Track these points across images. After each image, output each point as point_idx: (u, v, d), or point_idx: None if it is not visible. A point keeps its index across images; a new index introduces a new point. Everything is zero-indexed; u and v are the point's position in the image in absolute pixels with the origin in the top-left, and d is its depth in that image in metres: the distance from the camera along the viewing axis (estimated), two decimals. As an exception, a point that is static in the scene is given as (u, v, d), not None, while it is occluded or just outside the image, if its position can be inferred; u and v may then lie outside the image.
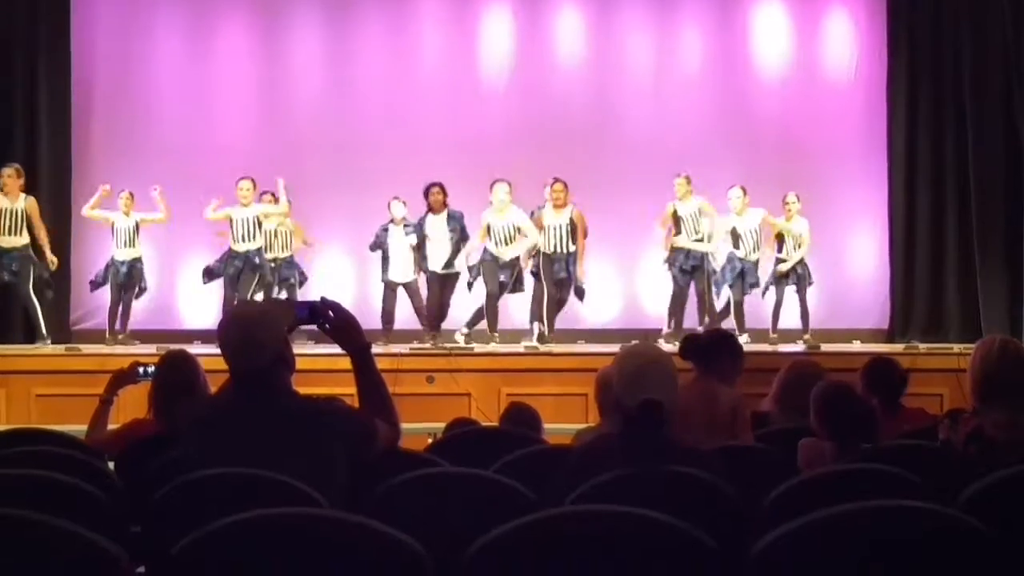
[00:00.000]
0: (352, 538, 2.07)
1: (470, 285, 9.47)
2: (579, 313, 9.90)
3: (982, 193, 10.35)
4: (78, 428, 4.36)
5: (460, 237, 9.35)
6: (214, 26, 11.04)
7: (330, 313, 3.04)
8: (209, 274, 9.54)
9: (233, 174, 10.31)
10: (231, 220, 9.37)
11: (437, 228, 9.34)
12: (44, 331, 9.10)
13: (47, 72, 10.41)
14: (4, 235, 9.05)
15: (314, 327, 3.07)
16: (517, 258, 9.33)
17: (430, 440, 4.80)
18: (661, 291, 10.40)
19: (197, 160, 10.50)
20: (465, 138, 10.67)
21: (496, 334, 9.21)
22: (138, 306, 9.82)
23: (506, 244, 9.27)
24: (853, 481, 2.84)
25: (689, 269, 9.64)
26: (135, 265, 9.60)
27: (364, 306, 9.72)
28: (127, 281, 9.56)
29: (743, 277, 9.60)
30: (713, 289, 9.72)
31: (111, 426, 4.29)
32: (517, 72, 11.05)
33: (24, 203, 9.10)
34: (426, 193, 9.35)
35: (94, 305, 10.16)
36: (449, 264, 9.37)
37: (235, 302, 8.93)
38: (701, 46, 11.20)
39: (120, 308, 9.59)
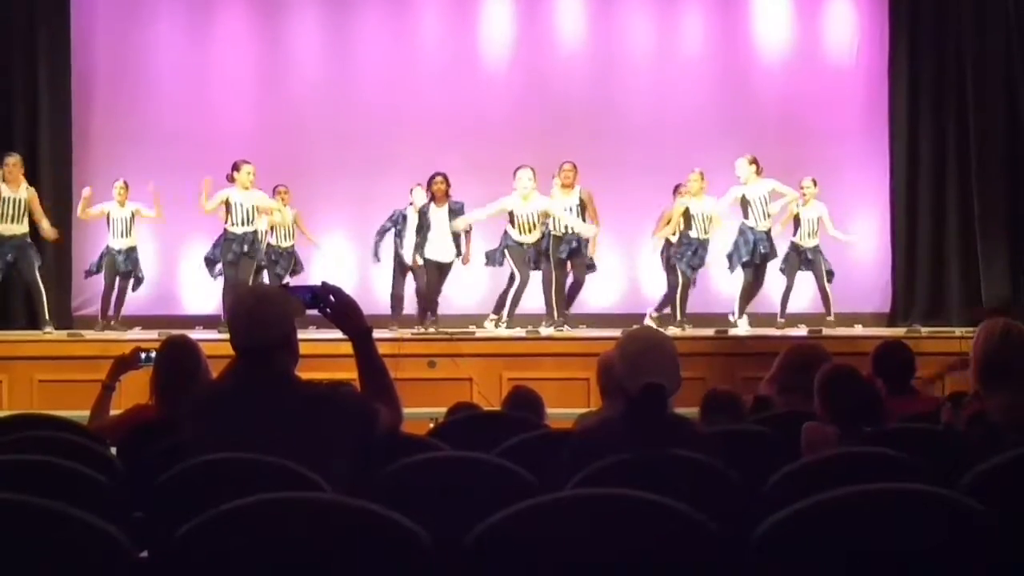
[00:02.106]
0: (354, 522, 2.07)
1: (495, 264, 9.43)
2: (580, 297, 9.89)
3: (984, 176, 10.34)
4: (80, 414, 4.36)
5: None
6: (214, 12, 11.01)
7: (331, 297, 3.04)
8: (211, 264, 9.47)
9: (235, 160, 10.32)
10: (228, 203, 9.23)
11: (439, 219, 9.31)
12: (48, 317, 9.11)
13: (46, 61, 10.38)
14: (5, 223, 9.03)
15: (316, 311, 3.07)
16: (541, 238, 9.25)
17: (432, 425, 4.80)
18: (662, 275, 10.39)
19: (198, 147, 10.47)
20: (467, 123, 10.66)
21: (507, 320, 9.27)
22: (140, 292, 9.81)
23: (529, 232, 9.22)
24: (854, 464, 2.84)
25: (696, 265, 9.61)
26: (131, 255, 9.61)
27: (366, 291, 9.74)
28: (125, 270, 9.57)
29: (755, 250, 9.49)
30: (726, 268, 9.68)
31: (113, 412, 4.29)
32: (519, 56, 11.04)
33: (26, 193, 9.10)
34: (429, 183, 9.33)
35: (95, 292, 10.15)
36: (452, 253, 9.34)
37: (235, 285, 8.91)
38: (702, 29, 11.18)
39: (115, 295, 9.60)
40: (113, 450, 3.59)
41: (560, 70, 11.01)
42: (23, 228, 9.12)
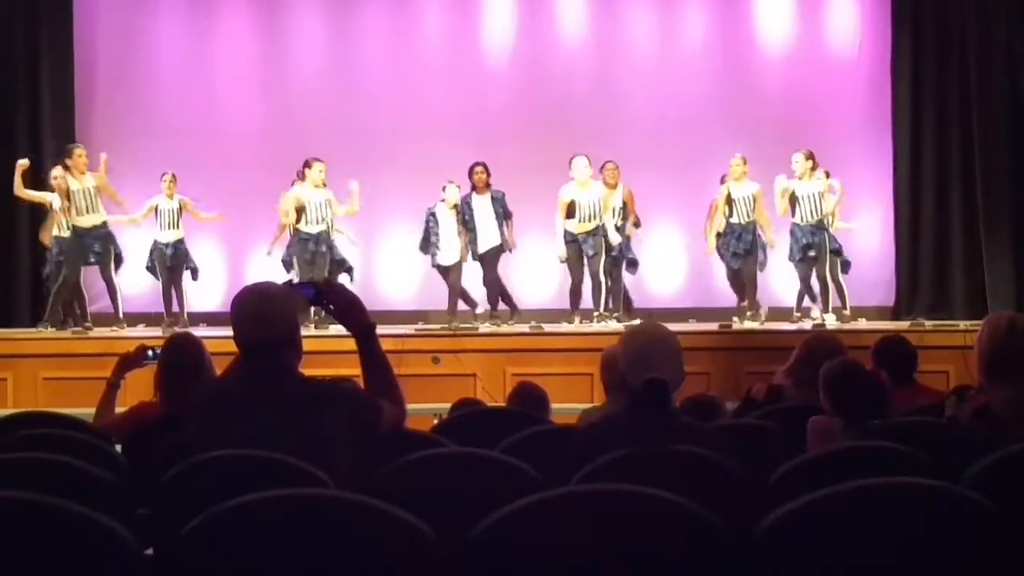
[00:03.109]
0: (358, 518, 2.07)
1: (565, 260, 9.48)
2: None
3: (987, 169, 10.32)
4: (85, 411, 4.38)
5: (504, 216, 9.39)
6: (217, 9, 11.01)
7: (334, 294, 3.05)
8: (288, 266, 9.36)
9: (238, 157, 10.34)
10: (305, 203, 9.21)
11: (483, 208, 9.34)
12: (120, 315, 9.22)
13: (49, 59, 10.39)
14: (82, 215, 9.07)
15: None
16: (600, 226, 9.29)
17: (435, 420, 4.81)
18: (666, 270, 10.40)
19: (201, 145, 10.48)
20: (469, 117, 10.65)
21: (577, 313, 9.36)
22: (144, 289, 9.79)
23: (589, 220, 9.26)
24: (859, 458, 2.84)
25: (742, 252, 9.56)
26: (179, 247, 9.60)
27: (369, 287, 9.74)
28: (174, 263, 9.57)
29: (808, 245, 9.39)
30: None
31: (118, 409, 4.30)
32: (520, 50, 11.02)
33: (94, 180, 9.12)
34: (470, 173, 9.38)
35: (100, 288, 10.16)
36: (498, 237, 9.38)
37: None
38: (705, 23, 11.15)
39: (173, 291, 9.57)
40: (118, 447, 3.60)
41: (563, 64, 10.99)
42: (101, 217, 9.17)
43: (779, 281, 9.98)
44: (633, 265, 9.66)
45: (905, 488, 2.20)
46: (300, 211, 9.27)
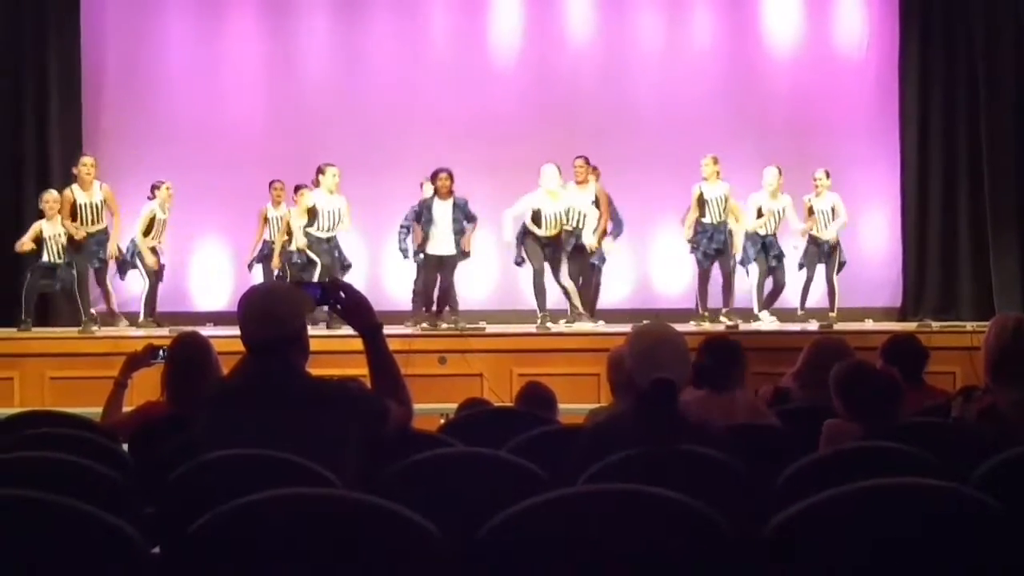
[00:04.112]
0: (364, 518, 2.07)
1: (519, 264, 9.41)
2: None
3: (995, 170, 10.30)
4: (92, 410, 4.38)
5: (464, 224, 9.26)
6: (224, 11, 11.03)
7: (341, 294, 3.05)
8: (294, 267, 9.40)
9: (245, 158, 10.35)
10: (314, 209, 9.18)
11: (442, 213, 9.26)
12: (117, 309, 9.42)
13: (57, 61, 10.40)
14: (88, 226, 9.16)
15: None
16: (558, 234, 9.23)
17: (442, 420, 4.81)
18: (672, 270, 10.36)
19: (208, 146, 10.51)
20: (476, 119, 10.65)
21: (546, 313, 9.15)
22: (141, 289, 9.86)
23: (552, 228, 9.19)
24: (865, 459, 2.84)
25: (712, 252, 9.57)
26: (155, 252, 9.70)
27: (375, 287, 9.74)
28: (159, 267, 9.69)
29: (766, 251, 9.49)
30: (738, 270, 9.67)
31: (126, 408, 4.30)
32: (527, 51, 11.03)
33: (102, 194, 9.19)
34: (433, 178, 9.26)
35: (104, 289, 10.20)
36: (454, 246, 9.22)
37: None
38: (712, 24, 11.15)
39: (147, 291, 9.72)
40: (125, 446, 3.60)
41: (570, 66, 10.99)
42: (103, 224, 9.26)
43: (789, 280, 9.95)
44: (601, 260, 9.56)
45: (911, 489, 2.20)
46: (312, 216, 9.22)
